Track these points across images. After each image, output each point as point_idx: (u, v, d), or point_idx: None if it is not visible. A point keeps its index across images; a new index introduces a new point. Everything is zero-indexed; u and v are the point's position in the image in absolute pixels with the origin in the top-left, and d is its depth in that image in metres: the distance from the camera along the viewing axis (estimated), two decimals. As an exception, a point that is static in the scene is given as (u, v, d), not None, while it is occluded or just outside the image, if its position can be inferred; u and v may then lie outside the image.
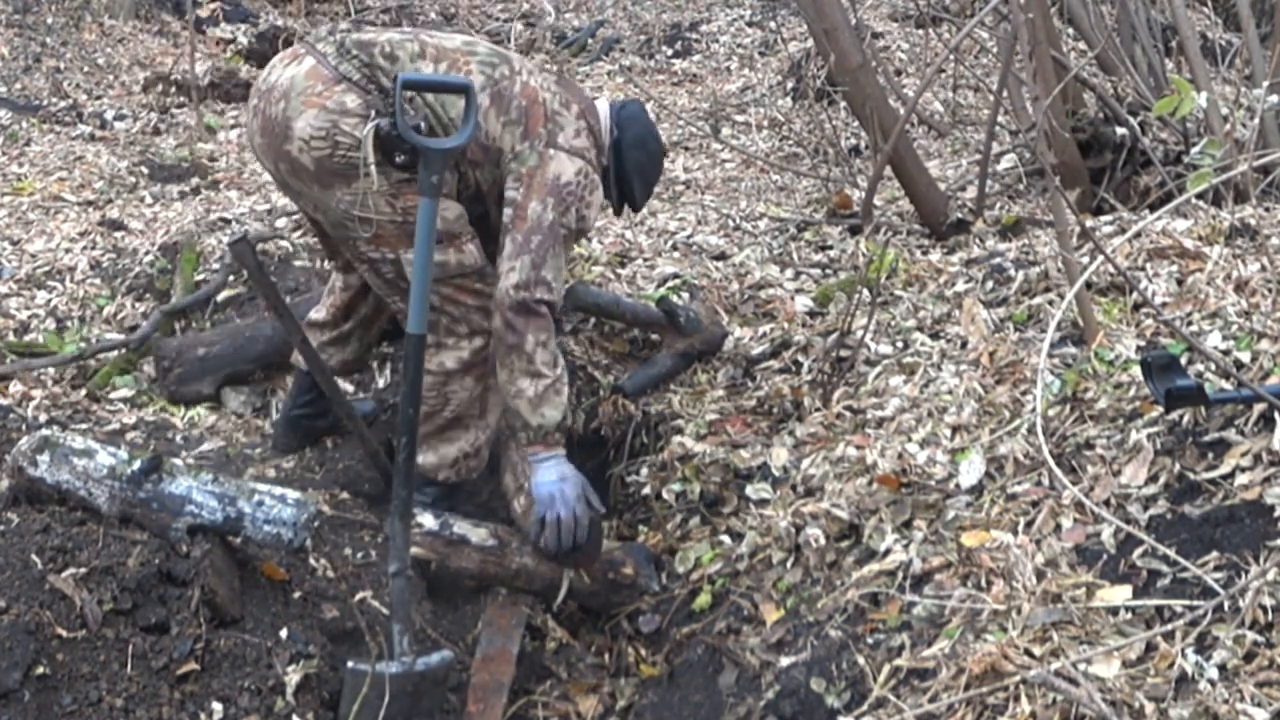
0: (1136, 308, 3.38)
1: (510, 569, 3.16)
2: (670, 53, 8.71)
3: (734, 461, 3.39)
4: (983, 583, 2.55)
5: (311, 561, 3.06)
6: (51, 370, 4.01)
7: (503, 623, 3.10)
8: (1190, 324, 3.10)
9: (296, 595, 2.93)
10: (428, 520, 3.15)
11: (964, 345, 3.53)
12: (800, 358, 3.79)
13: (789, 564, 2.97)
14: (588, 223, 3.16)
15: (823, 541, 2.93)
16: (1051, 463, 2.67)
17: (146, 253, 4.82)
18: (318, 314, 3.54)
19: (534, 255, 3.04)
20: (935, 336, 3.66)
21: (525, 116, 3.09)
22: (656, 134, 3.39)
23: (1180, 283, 3.41)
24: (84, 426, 3.64)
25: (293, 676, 2.67)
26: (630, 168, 3.29)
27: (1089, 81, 4.92)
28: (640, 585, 3.21)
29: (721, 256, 4.61)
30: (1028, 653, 2.27)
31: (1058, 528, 2.64)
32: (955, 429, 3.13)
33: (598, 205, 3.20)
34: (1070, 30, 6.04)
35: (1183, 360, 2.82)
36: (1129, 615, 2.33)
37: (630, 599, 3.20)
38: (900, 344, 3.66)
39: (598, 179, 3.19)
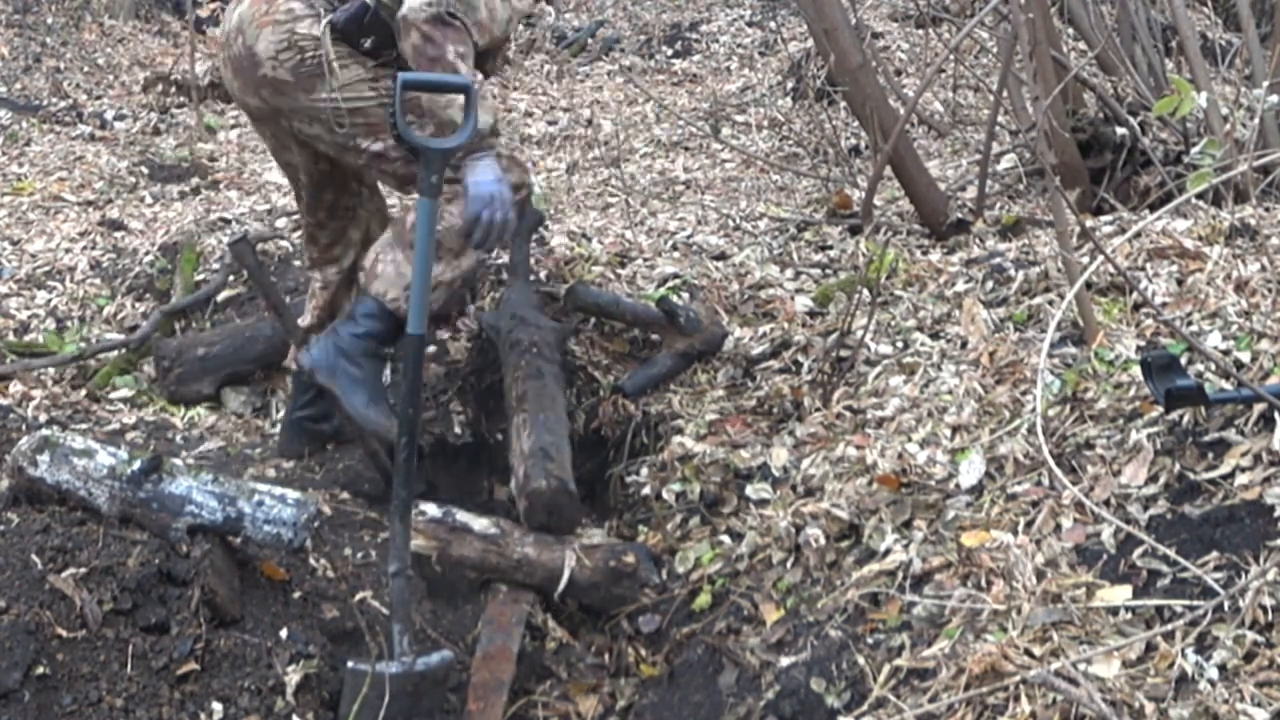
0: (1136, 308, 3.38)
1: (511, 559, 3.17)
2: (670, 53, 8.71)
3: (734, 461, 3.39)
4: (983, 583, 2.55)
5: (311, 561, 3.06)
6: (51, 370, 4.01)
7: (503, 620, 3.10)
8: (1190, 324, 3.10)
9: (296, 595, 2.93)
10: (430, 509, 3.17)
11: (964, 345, 3.53)
12: (800, 358, 3.79)
13: (789, 564, 2.97)
14: None
15: (823, 541, 2.93)
16: (1051, 463, 2.67)
17: (146, 253, 4.83)
18: (304, 321, 3.54)
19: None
20: (935, 336, 3.66)
21: None
22: None
23: (1180, 283, 3.41)
24: (84, 426, 3.65)
25: (293, 676, 2.67)
26: None
27: (1089, 81, 4.91)
28: (641, 577, 3.21)
29: (721, 256, 4.61)
30: (1028, 653, 2.27)
31: (1058, 528, 2.64)
32: (955, 429, 3.13)
33: None
34: (1070, 30, 6.04)
35: (1183, 360, 2.82)
36: (1129, 615, 2.33)
37: (631, 591, 3.20)
38: (900, 344, 3.66)
39: None
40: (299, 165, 3.41)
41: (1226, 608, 2.20)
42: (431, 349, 4.04)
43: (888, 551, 2.80)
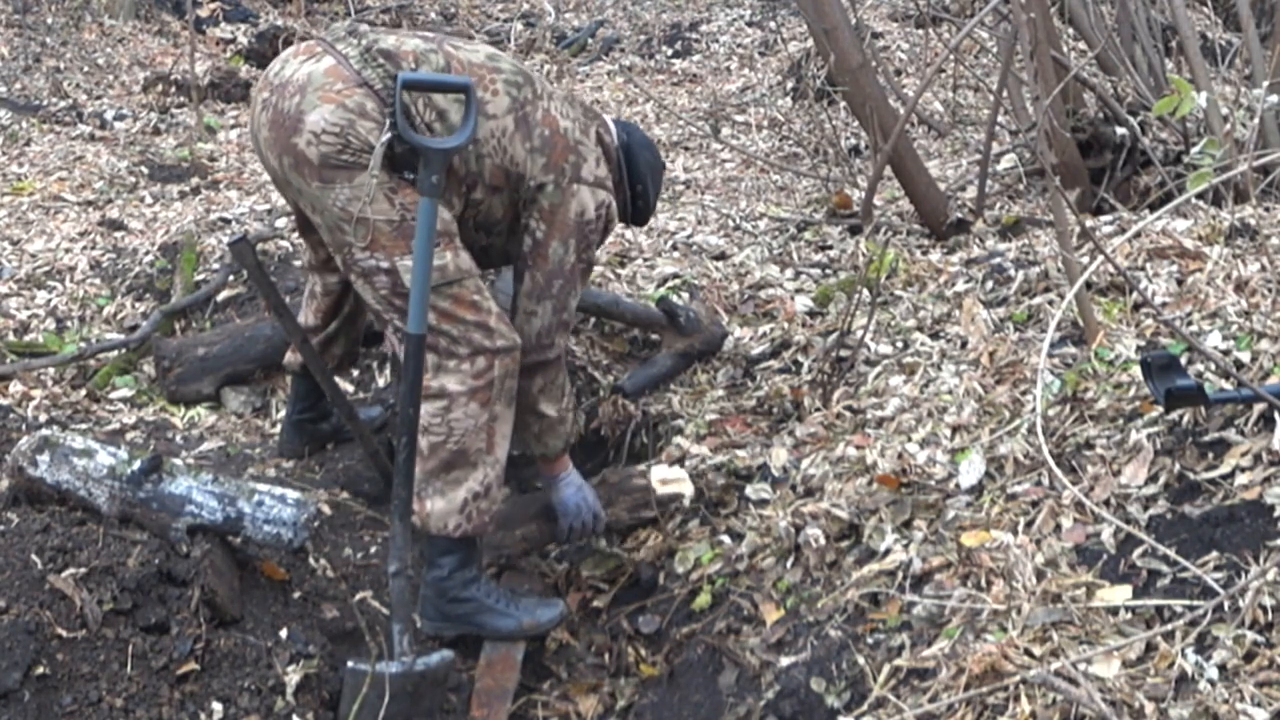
0: (1136, 308, 3.38)
1: None
2: (670, 53, 8.70)
3: (734, 462, 3.39)
4: (983, 583, 2.55)
5: (311, 561, 3.06)
6: (51, 370, 4.01)
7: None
8: (1190, 324, 3.10)
9: (296, 595, 2.93)
10: None
11: (964, 345, 3.53)
12: (800, 358, 3.79)
13: (789, 564, 2.97)
14: (596, 250, 3.17)
15: (823, 541, 2.93)
16: (1051, 463, 2.67)
17: (146, 253, 4.83)
18: (304, 320, 3.49)
19: (555, 300, 3.07)
20: (935, 336, 3.66)
21: (549, 147, 3.00)
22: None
23: (1180, 283, 3.41)
24: (84, 426, 3.65)
25: (293, 676, 2.67)
26: (644, 169, 3.27)
27: (1089, 81, 4.91)
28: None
29: (721, 256, 4.61)
30: (1028, 653, 2.28)
31: (1058, 528, 2.64)
32: (955, 429, 3.13)
33: (613, 230, 3.22)
34: (1070, 30, 6.03)
35: (1183, 360, 2.82)
36: (1129, 615, 2.33)
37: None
38: (900, 344, 3.66)
39: (615, 208, 3.17)
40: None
41: (1226, 608, 2.20)
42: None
43: (888, 551, 2.80)
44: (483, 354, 2.95)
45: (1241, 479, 2.50)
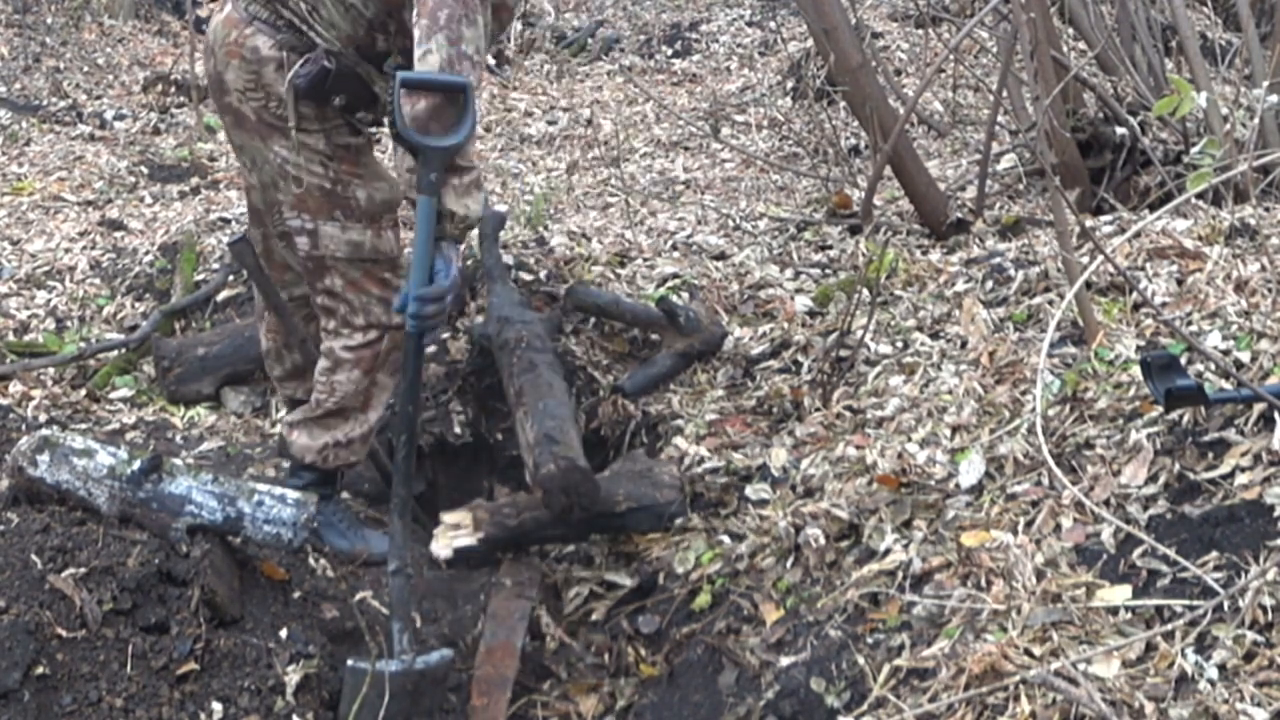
0: (1136, 308, 3.38)
1: None
2: (670, 53, 8.71)
3: (733, 462, 3.39)
4: (983, 583, 2.55)
5: (311, 561, 3.06)
6: (51, 370, 4.01)
7: (506, 616, 3.10)
8: (1190, 324, 3.10)
9: (296, 595, 2.93)
10: None
11: (964, 345, 3.53)
12: (800, 358, 3.79)
13: (789, 564, 2.97)
14: None
15: (823, 541, 2.93)
16: (1051, 463, 2.67)
17: (146, 253, 4.83)
18: (263, 346, 3.43)
19: (448, 31, 2.78)
20: (935, 336, 3.66)
21: None
22: None
23: (1180, 283, 3.41)
24: (84, 426, 3.65)
25: (293, 676, 2.67)
26: None
27: (1089, 81, 4.91)
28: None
29: (721, 256, 4.61)
30: (1028, 653, 2.27)
31: (1058, 528, 2.64)
32: (955, 429, 3.13)
33: None
34: (1070, 30, 6.03)
35: (1183, 360, 2.82)
36: (1129, 615, 2.33)
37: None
38: (900, 344, 3.66)
39: None
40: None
41: (1226, 608, 2.20)
42: (431, 348, 4.04)
43: (888, 551, 2.80)
44: (376, 328, 3.11)
45: (1241, 479, 2.50)
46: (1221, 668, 2.10)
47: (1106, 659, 2.19)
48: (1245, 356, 2.87)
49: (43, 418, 3.69)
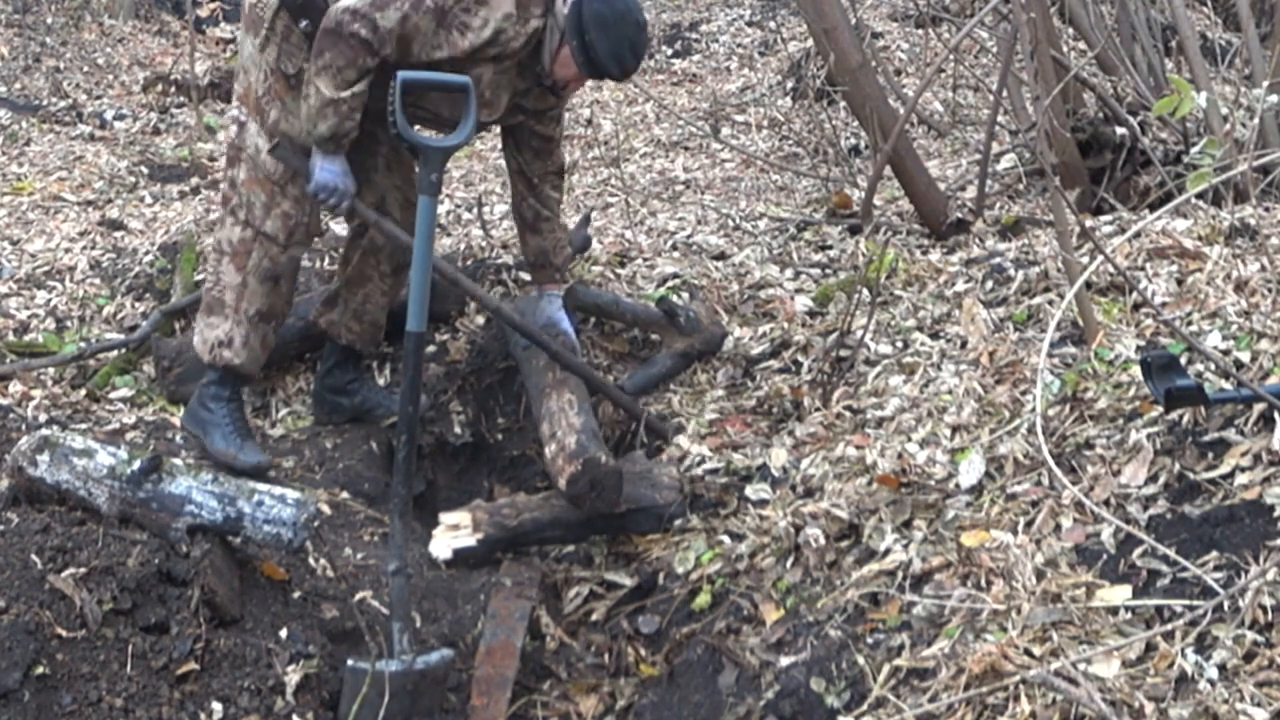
0: (1136, 308, 3.38)
1: None
2: (670, 53, 8.70)
3: (733, 462, 3.39)
4: (983, 583, 2.55)
5: (311, 561, 3.06)
6: (51, 370, 4.01)
7: (506, 616, 3.10)
8: (1190, 324, 3.10)
9: (296, 595, 2.93)
10: None
11: (964, 345, 3.53)
12: (800, 358, 3.79)
13: (789, 564, 2.97)
14: None
15: (823, 541, 2.93)
16: (1051, 463, 2.67)
17: (146, 253, 4.83)
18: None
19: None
20: (935, 336, 3.66)
21: None
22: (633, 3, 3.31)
23: (1180, 283, 3.41)
24: (84, 426, 3.65)
25: (293, 676, 2.67)
26: (589, 20, 3.20)
27: (1089, 81, 4.91)
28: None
29: (721, 256, 4.61)
30: (1028, 653, 2.27)
31: (1058, 528, 2.64)
32: (955, 429, 3.13)
33: None
34: (1070, 30, 6.03)
35: (1183, 360, 2.82)
36: (1129, 615, 2.33)
37: None
38: (900, 344, 3.66)
39: None
40: None
41: (1226, 608, 2.20)
42: (431, 348, 4.04)
43: (888, 551, 2.80)
44: (250, 228, 3.45)
45: (1241, 479, 2.50)
46: (1221, 668, 2.10)
47: (1106, 659, 2.19)
48: (1245, 356, 2.87)
49: (43, 418, 3.69)
